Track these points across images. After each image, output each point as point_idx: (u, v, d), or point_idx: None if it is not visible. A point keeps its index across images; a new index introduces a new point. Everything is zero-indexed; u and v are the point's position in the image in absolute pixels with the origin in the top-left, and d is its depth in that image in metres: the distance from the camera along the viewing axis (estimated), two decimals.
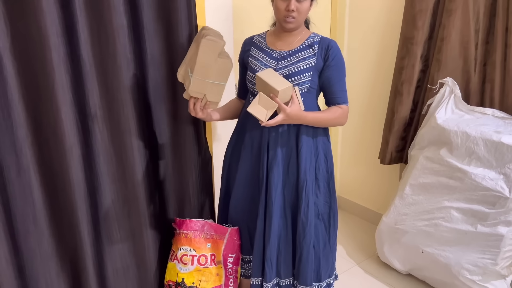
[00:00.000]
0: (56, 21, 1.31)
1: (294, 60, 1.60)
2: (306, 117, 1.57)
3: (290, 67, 1.60)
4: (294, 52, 1.62)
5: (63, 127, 1.37)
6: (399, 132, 2.37)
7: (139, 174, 1.61)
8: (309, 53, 1.61)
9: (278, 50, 1.64)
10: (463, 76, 2.12)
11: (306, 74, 1.60)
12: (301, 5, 1.53)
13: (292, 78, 1.58)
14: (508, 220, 1.75)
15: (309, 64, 1.60)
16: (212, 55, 1.44)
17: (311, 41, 1.63)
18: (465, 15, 2.01)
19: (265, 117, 1.46)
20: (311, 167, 1.67)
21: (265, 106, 1.46)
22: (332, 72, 1.61)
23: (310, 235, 1.68)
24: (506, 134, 1.79)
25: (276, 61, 1.63)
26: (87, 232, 1.52)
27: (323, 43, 1.62)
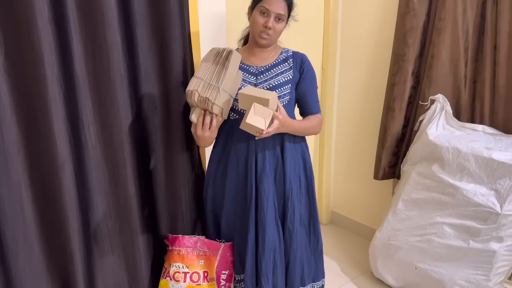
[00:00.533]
0: (50, 37, 1.32)
1: (273, 74, 1.66)
2: (294, 124, 1.63)
3: (270, 81, 1.66)
4: (272, 66, 1.68)
5: (55, 143, 1.37)
6: (391, 148, 2.39)
7: (131, 189, 1.61)
8: (285, 67, 1.69)
9: (255, 65, 1.68)
10: (453, 93, 2.15)
11: (286, 86, 1.67)
12: (278, 25, 1.61)
13: (274, 91, 1.61)
14: (499, 236, 1.76)
15: (287, 77, 1.68)
16: (236, 68, 1.53)
17: (285, 55, 1.72)
18: (455, 33, 2.06)
19: (265, 125, 1.46)
20: (295, 175, 1.73)
21: (261, 115, 1.46)
22: (307, 84, 1.71)
23: (296, 242, 1.74)
24: (497, 151, 1.81)
25: (254, 76, 1.67)
26: (79, 248, 1.50)
27: (296, 57, 1.72)
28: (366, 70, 2.62)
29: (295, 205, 1.73)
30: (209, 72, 1.52)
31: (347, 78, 2.74)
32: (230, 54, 1.51)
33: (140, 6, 1.54)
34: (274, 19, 1.58)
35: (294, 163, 1.73)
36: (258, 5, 1.60)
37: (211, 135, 1.58)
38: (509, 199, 1.74)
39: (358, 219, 2.92)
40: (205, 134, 1.56)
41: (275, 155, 1.69)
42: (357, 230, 2.93)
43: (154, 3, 1.57)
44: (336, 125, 2.90)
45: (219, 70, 1.51)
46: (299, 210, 1.76)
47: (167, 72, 1.65)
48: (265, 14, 1.58)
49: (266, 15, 1.58)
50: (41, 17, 1.27)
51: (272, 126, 1.49)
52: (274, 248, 1.71)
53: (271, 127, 1.49)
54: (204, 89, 1.49)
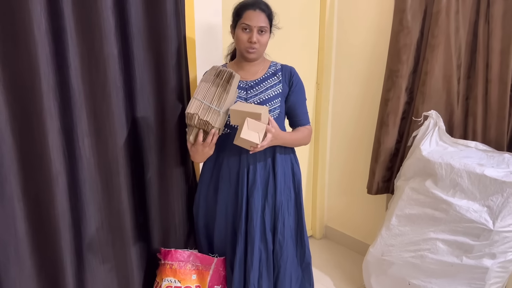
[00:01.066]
0: (47, 49, 1.33)
1: (262, 88, 1.68)
2: (285, 136, 1.67)
3: (260, 95, 1.67)
4: (261, 80, 1.70)
5: (49, 155, 1.36)
6: (385, 163, 2.40)
7: (124, 202, 1.60)
8: (274, 80, 1.71)
9: (244, 80, 1.70)
10: (446, 109, 2.17)
11: (276, 100, 1.69)
12: (262, 37, 1.63)
13: (264, 105, 1.64)
14: (492, 253, 1.76)
15: (277, 91, 1.70)
16: (236, 90, 1.59)
17: (274, 69, 1.74)
18: (447, 50, 2.09)
19: (259, 139, 1.47)
20: (285, 188, 1.75)
21: (255, 129, 1.47)
22: (296, 96, 1.74)
23: (286, 254, 1.76)
24: (489, 167, 1.83)
25: (245, 91, 1.69)
26: (70, 261, 1.48)
27: (285, 70, 1.74)
28: (360, 86, 2.64)
29: (285, 217, 1.75)
30: (209, 94, 1.52)
31: (342, 93, 2.77)
32: (232, 78, 1.52)
33: (137, 19, 1.55)
34: (257, 33, 1.61)
35: (285, 175, 1.75)
36: (238, 22, 1.62)
37: (209, 150, 1.60)
38: (502, 216, 1.75)
39: (351, 234, 2.92)
40: (204, 150, 1.57)
41: (266, 167, 1.71)
42: (350, 244, 2.92)
43: (151, 16, 1.58)
44: (330, 140, 2.91)
45: (219, 92, 1.52)
46: (289, 222, 1.77)
47: (163, 85, 1.66)
48: (247, 30, 1.61)
49: (248, 31, 1.61)
50: (38, 29, 1.28)
51: (265, 140, 1.51)
52: (260, 258, 1.72)
53: (265, 141, 1.51)
54: (204, 111, 1.50)
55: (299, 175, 1.83)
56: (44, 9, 1.30)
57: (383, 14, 2.41)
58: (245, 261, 1.73)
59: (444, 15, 2.05)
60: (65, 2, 1.35)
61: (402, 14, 2.19)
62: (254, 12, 1.61)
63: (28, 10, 1.25)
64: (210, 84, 1.54)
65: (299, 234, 1.84)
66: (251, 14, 1.60)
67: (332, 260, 2.76)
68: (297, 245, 1.84)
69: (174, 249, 1.72)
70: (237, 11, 1.65)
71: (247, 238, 1.71)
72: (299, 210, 1.83)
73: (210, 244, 1.83)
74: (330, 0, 2.64)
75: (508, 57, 1.92)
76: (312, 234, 3.09)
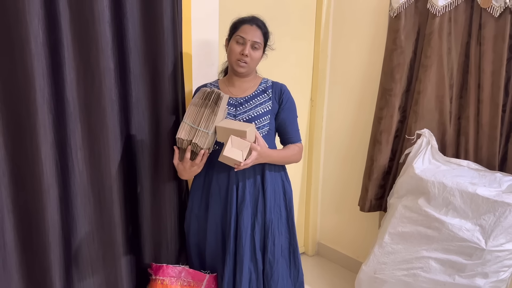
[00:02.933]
0: (43, 62, 1.33)
1: (252, 105, 1.68)
2: (272, 154, 1.66)
3: (249, 112, 1.67)
4: (251, 97, 1.70)
5: (42, 167, 1.35)
6: (378, 180, 2.41)
7: (116, 216, 1.58)
8: (264, 97, 1.71)
9: (234, 96, 1.70)
10: (439, 128, 2.19)
11: (265, 117, 1.69)
12: (254, 53, 1.65)
13: (252, 122, 1.65)
14: (485, 272, 1.76)
15: (266, 108, 1.70)
16: (224, 110, 1.60)
17: (264, 86, 1.74)
18: (440, 71, 2.12)
19: (242, 157, 1.48)
20: (275, 206, 1.73)
21: (238, 147, 1.48)
22: (286, 114, 1.73)
23: (277, 274, 1.73)
24: (481, 186, 1.84)
25: (234, 108, 1.69)
26: (59, 276, 1.46)
27: (275, 87, 1.73)
28: (354, 103, 2.67)
29: (276, 236, 1.73)
30: (197, 116, 1.54)
31: (335, 111, 2.79)
32: (220, 99, 1.53)
33: (134, 33, 1.56)
34: (250, 47, 1.62)
35: (275, 193, 1.74)
36: (234, 35, 1.66)
37: (197, 169, 1.61)
38: (494, 235, 1.76)
39: (344, 251, 2.90)
40: (192, 168, 1.58)
41: (255, 185, 1.70)
42: (343, 262, 2.91)
43: (148, 31, 1.59)
44: (323, 156, 2.92)
45: (207, 114, 1.53)
46: (279, 241, 1.75)
47: (158, 99, 1.66)
48: (241, 43, 1.63)
49: (242, 44, 1.63)
50: (35, 41, 1.28)
51: (250, 158, 1.51)
52: (250, 279, 1.70)
53: (249, 159, 1.51)
54: (192, 134, 1.52)
55: (290, 193, 1.82)
56: (42, 22, 1.30)
57: (377, 33, 2.45)
58: (234, 281, 1.70)
59: (437, 36, 2.09)
60: (62, 15, 1.35)
61: (396, 34, 2.23)
62: (251, 27, 1.64)
63: (26, 22, 1.25)
64: (198, 107, 1.55)
65: (291, 253, 1.82)
66: (248, 28, 1.64)
67: (325, 278, 2.74)
68: (290, 265, 1.82)
69: (165, 264, 1.70)
70: (234, 24, 1.69)
71: (236, 257, 1.69)
72: (291, 229, 1.81)
73: (202, 262, 1.81)
74: (325, 18, 2.68)
75: (499, 78, 1.95)
76: (305, 251, 3.07)
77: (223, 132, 1.51)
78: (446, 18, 2.07)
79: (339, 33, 2.69)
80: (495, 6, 1.91)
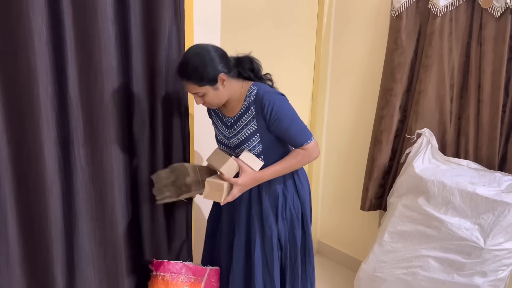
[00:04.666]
0: (47, 59, 1.34)
1: (239, 127, 1.62)
2: (263, 176, 1.62)
3: (238, 136, 1.63)
4: (238, 118, 1.62)
5: (45, 164, 1.36)
6: (378, 179, 2.42)
7: (118, 213, 1.60)
8: (249, 116, 1.58)
9: (228, 116, 1.66)
10: (439, 128, 2.20)
11: (253, 138, 1.61)
12: (206, 97, 1.53)
13: (243, 146, 1.63)
14: (483, 271, 1.77)
15: (252, 128, 1.59)
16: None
17: (248, 101, 1.58)
18: (441, 71, 2.13)
19: (220, 198, 1.55)
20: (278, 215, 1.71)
21: (216, 188, 1.55)
22: (278, 126, 1.57)
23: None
24: (480, 186, 1.85)
25: (228, 129, 1.67)
26: (61, 272, 1.47)
27: (257, 102, 1.55)
28: (355, 103, 2.68)
29: (287, 247, 1.74)
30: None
31: (336, 110, 2.80)
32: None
33: (137, 32, 1.57)
34: (197, 96, 1.53)
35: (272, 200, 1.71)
36: None
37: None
38: (493, 234, 1.77)
39: (344, 250, 2.92)
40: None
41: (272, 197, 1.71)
42: (343, 260, 2.92)
43: (150, 30, 1.61)
44: (324, 155, 2.93)
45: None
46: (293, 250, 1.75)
47: (160, 98, 1.67)
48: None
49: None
50: (39, 39, 1.29)
51: (230, 194, 1.55)
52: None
53: (230, 195, 1.55)
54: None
55: (296, 195, 1.74)
56: (46, 19, 1.31)
57: (378, 33, 2.45)
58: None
59: (438, 36, 2.10)
60: (66, 13, 1.36)
61: (397, 34, 2.23)
62: (182, 80, 1.52)
63: (30, 19, 1.26)
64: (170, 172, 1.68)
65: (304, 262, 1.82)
66: (183, 81, 1.53)
67: (324, 276, 2.75)
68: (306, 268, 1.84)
69: (166, 260, 1.72)
70: None
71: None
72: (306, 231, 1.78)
73: (211, 254, 1.86)
74: (326, 17, 2.69)
75: (499, 78, 1.96)
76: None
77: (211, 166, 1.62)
78: (447, 18, 2.08)
79: (341, 33, 2.70)
80: (496, 7, 1.91)
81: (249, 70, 1.63)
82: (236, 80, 1.60)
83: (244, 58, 1.63)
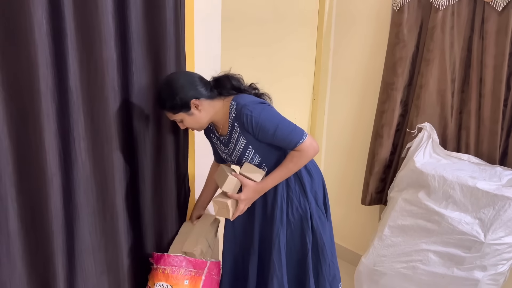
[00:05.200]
0: (47, 51, 1.33)
1: (232, 145, 1.65)
2: (265, 186, 1.64)
3: (235, 153, 1.66)
4: (229, 136, 1.64)
5: (45, 157, 1.36)
6: (379, 174, 2.42)
7: (119, 206, 1.60)
8: (236, 132, 1.60)
9: (222, 135, 1.68)
10: (440, 122, 2.20)
11: (247, 152, 1.63)
12: (184, 123, 1.59)
13: (242, 160, 1.66)
14: (483, 265, 1.78)
15: (243, 143, 1.61)
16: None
17: (231, 118, 1.58)
18: (442, 65, 2.12)
19: (229, 214, 1.62)
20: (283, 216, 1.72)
21: (222, 206, 1.61)
22: (264, 135, 1.56)
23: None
24: (481, 180, 1.85)
25: (225, 147, 1.70)
26: (62, 265, 1.47)
27: (238, 117, 1.55)
28: (356, 97, 2.67)
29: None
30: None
31: (337, 104, 2.79)
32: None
33: (137, 25, 1.56)
34: (177, 121, 1.60)
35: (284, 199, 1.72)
36: None
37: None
38: (493, 229, 1.77)
39: (344, 244, 2.92)
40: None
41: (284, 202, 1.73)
42: (342, 255, 2.92)
43: (150, 22, 1.60)
44: (325, 150, 2.93)
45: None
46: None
47: None
48: None
49: None
50: (39, 31, 1.28)
51: (237, 209, 1.62)
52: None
53: (237, 211, 1.62)
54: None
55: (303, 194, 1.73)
56: (46, 11, 1.30)
57: (380, 27, 2.44)
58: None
59: (439, 30, 2.09)
60: (66, 5, 1.35)
61: (399, 28, 2.23)
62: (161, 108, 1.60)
63: (30, 11, 1.25)
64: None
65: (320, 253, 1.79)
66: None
67: None
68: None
69: (167, 253, 1.72)
70: None
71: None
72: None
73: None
74: (327, 11, 2.67)
75: (501, 73, 1.95)
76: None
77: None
78: (449, 12, 2.07)
79: (342, 27, 2.68)
80: (498, 0, 1.90)
81: (230, 88, 1.63)
82: (218, 100, 1.61)
83: (222, 77, 1.64)
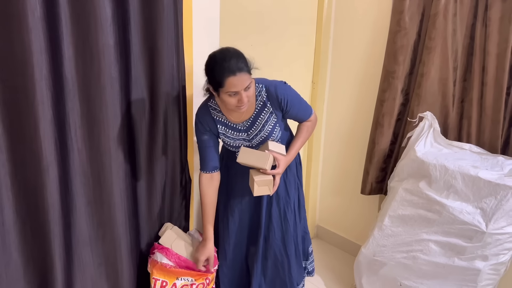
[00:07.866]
0: (41, 37, 1.29)
1: (259, 125, 1.67)
2: (291, 158, 1.75)
3: (261, 134, 1.69)
4: (255, 117, 1.67)
5: (41, 145, 1.33)
6: (379, 163, 2.40)
7: (116, 196, 1.57)
8: (267, 113, 1.67)
9: (241, 122, 1.68)
10: (441, 111, 2.17)
11: (276, 130, 1.71)
12: (249, 91, 1.51)
13: (269, 139, 1.71)
14: (484, 255, 1.77)
15: (273, 122, 1.69)
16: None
17: (261, 100, 1.64)
18: (444, 53, 2.09)
19: (270, 190, 1.64)
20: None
21: (264, 184, 1.62)
22: (293, 110, 1.71)
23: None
24: (483, 169, 1.83)
25: (245, 133, 1.70)
26: (59, 255, 1.45)
27: (271, 97, 1.64)
28: (356, 86, 2.64)
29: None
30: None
31: (337, 93, 2.76)
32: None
33: (134, 10, 1.52)
34: (244, 91, 1.49)
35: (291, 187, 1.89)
36: (221, 91, 1.49)
37: None
38: (495, 218, 1.76)
39: (343, 234, 2.91)
40: None
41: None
42: (342, 245, 2.92)
43: (148, 7, 1.56)
44: (324, 139, 2.90)
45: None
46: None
47: (158, 77, 1.64)
48: (234, 94, 1.49)
49: (235, 95, 1.49)
50: (33, 15, 1.24)
51: (275, 184, 1.64)
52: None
53: (275, 185, 1.65)
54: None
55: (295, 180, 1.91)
56: None
57: (381, 14, 2.40)
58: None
59: (442, 18, 2.05)
60: None
61: (400, 15, 2.19)
62: (236, 77, 1.45)
63: None
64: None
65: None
66: (234, 80, 1.45)
67: (323, 260, 2.75)
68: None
69: None
70: (216, 79, 1.49)
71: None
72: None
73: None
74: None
75: (504, 61, 1.92)
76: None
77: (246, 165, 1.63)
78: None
79: (342, 14, 2.64)
80: None
81: None
82: None
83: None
